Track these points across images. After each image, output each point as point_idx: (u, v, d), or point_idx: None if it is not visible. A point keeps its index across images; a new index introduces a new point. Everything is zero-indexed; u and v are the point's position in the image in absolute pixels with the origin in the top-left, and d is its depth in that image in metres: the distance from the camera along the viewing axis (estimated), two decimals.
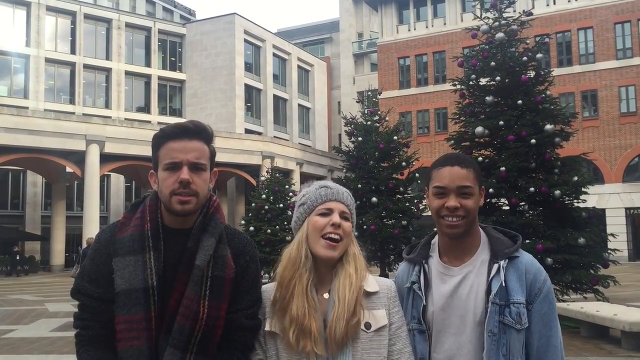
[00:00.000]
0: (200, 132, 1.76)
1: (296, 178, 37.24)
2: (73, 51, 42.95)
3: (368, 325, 1.76)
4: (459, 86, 11.75)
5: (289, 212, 19.28)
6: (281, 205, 19.38)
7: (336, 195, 1.86)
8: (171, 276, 1.72)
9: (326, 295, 1.80)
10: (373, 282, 1.85)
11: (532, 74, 11.16)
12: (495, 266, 1.82)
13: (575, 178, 10.26)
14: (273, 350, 1.78)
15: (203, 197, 1.76)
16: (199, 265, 1.69)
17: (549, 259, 9.32)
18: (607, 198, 32.55)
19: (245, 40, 45.73)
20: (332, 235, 1.79)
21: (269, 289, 1.87)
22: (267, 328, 1.79)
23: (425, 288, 1.88)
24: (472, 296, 1.82)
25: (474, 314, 1.80)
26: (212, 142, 1.81)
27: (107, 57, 44.32)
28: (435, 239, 1.99)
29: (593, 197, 15.27)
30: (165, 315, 1.69)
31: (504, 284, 1.79)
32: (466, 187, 1.85)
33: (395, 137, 17.28)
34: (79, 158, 31.73)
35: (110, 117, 39.40)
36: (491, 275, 1.81)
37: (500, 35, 11.03)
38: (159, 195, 1.77)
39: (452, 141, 11.70)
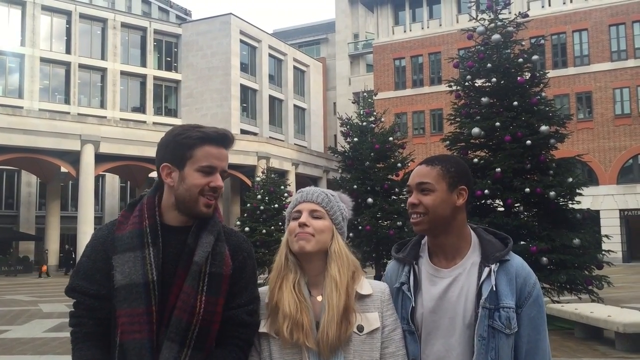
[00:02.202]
0: (231, 143, 1.85)
1: (291, 179, 37.23)
2: (68, 51, 42.85)
3: (360, 328, 1.77)
4: (454, 87, 11.77)
5: (284, 213, 19.27)
6: (276, 205, 19.36)
7: (305, 197, 1.89)
8: (171, 272, 1.75)
9: (319, 298, 1.82)
10: (367, 284, 1.86)
11: (527, 75, 11.19)
12: (486, 270, 1.80)
13: (570, 179, 10.28)
14: (266, 351, 1.79)
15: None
16: (197, 261, 1.73)
17: (544, 259, 9.35)
18: (602, 199, 32.68)
19: (241, 41, 45.71)
20: (301, 235, 1.82)
21: (263, 291, 1.89)
22: (260, 329, 1.81)
23: (414, 289, 1.87)
24: (462, 299, 1.81)
25: (464, 317, 1.79)
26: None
27: (103, 57, 44.23)
28: (425, 239, 1.98)
29: (587, 199, 15.32)
30: (165, 311, 1.71)
31: (494, 289, 1.78)
32: (423, 183, 1.87)
33: (390, 138, 17.29)
34: (73, 158, 31.65)
35: (105, 117, 39.30)
36: (482, 279, 1.80)
37: (496, 36, 11.05)
38: (182, 192, 1.77)
39: (448, 142, 11.72)
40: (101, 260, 1.77)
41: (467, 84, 11.48)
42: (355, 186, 16.20)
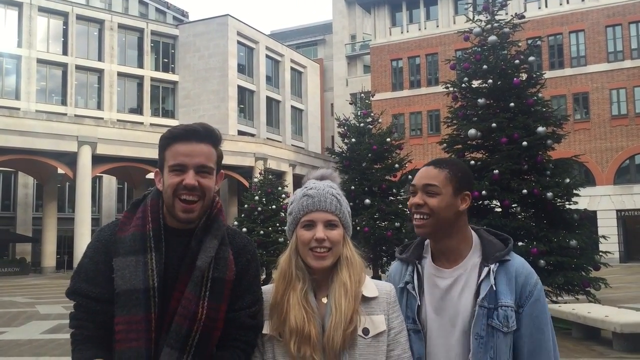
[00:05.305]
0: (209, 136, 1.76)
1: (289, 180, 37.22)
2: (65, 52, 42.76)
3: (366, 331, 1.73)
4: (451, 89, 11.79)
5: (282, 214, 19.28)
6: (274, 206, 19.39)
7: (318, 205, 1.78)
8: (173, 276, 1.71)
9: (324, 300, 1.77)
10: (372, 286, 1.82)
11: (524, 76, 11.21)
12: (486, 269, 1.82)
13: (567, 180, 10.30)
14: (270, 353, 1.76)
15: (208, 201, 1.76)
16: (200, 266, 1.68)
17: (542, 261, 9.36)
18: (599, 200, 32.73)
19: (238, 42, 45.69)
20: (318, 250, 1.75)
21: (267, 290, 1.84)
22: (264, 331, 1.77)
23: (418, 288, 1.88)
24: (462, 299, 1.82)
25: (463, 317, 1.80)
26: (220, 145, 1.80)
27: (100, 58, 44.15)
28: (428, 240, 1.98)
29: (584, 199, 15.36)
30: (166, 316, 1.67)
31: (494, 288, 1.78)
32: (430, 185, 1.86)
33: (388, 139, 17.32)
34: (70, 159, 31.59)
35: (102, 119, 39.24)
36: (481, 279, 1.81)
37: (492, 38, 11.08)
38: (163, 196, 1.75)
39: (445, 144, 11.73)
40: (103, 262, 1.73)
41: (463, 85, 11.49)
42: (352, 187, 16.23)
